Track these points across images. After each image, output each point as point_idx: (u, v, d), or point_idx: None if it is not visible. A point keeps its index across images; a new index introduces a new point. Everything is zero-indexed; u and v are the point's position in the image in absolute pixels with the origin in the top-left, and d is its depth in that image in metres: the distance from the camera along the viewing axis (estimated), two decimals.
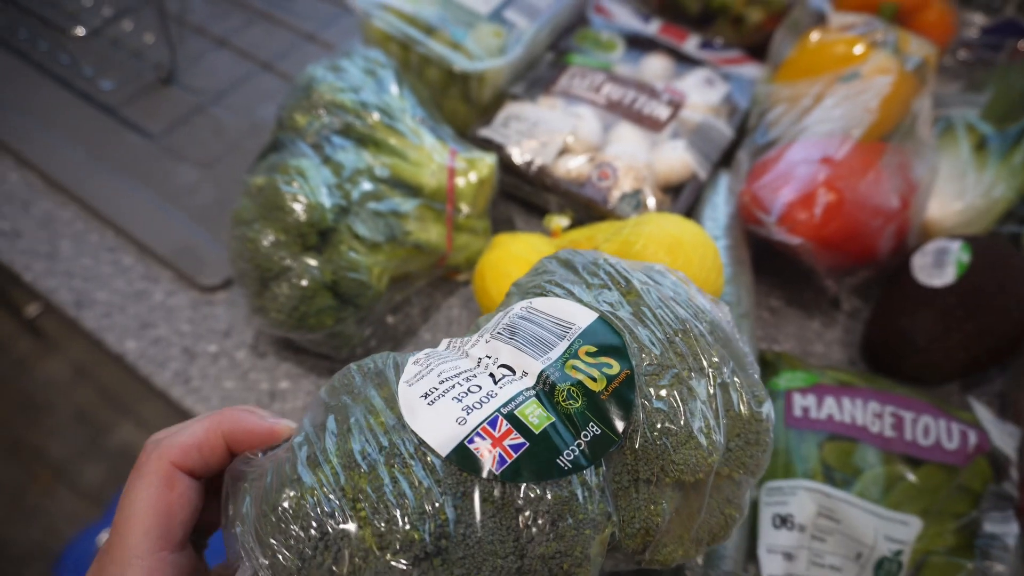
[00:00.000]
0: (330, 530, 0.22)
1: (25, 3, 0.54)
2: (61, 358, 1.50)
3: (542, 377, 0.26)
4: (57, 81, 0.64)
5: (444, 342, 0.29)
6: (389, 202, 0.46)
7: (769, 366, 0.47)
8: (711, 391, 0.27)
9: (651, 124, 0.55)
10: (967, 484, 0.41)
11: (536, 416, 0.25)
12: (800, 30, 0.59)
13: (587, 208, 0.53)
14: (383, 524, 0.22)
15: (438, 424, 0.24)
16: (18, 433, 1.41)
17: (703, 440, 0.26)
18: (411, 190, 0.48)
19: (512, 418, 0.24)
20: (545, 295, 0.29)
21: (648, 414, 0.25)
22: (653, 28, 0.64)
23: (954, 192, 0.52)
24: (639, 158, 0.53)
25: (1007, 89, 0.57)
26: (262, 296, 0.44)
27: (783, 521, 0.39)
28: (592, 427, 0.25)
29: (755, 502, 0.41)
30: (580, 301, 0.29)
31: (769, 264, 0.54)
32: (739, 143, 0.57)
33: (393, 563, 0.22)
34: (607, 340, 0.27)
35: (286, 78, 0.67)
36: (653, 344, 0.27)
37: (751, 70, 0.62)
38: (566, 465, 0.24)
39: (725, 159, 0.57)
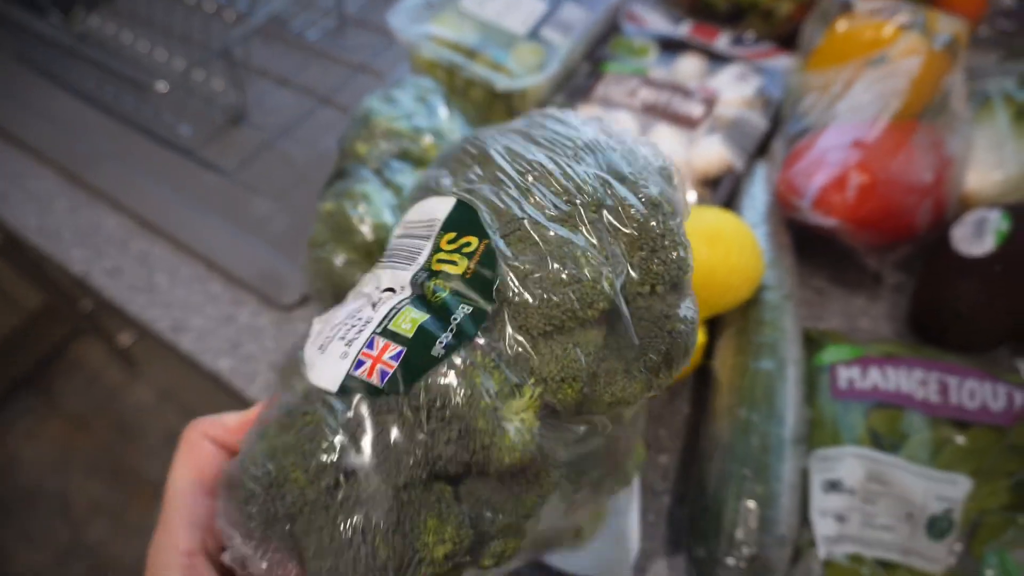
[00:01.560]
0: (271, 484, 0.25)
1: (108, 64, 0.60)
2: (147, 384, 1.61)
3: (413, 283, 0.27)
4: (141, 130, 0.71)
5: (352, 290, 0.31)
6: None
7: (814, 343, 0.49)
8: (585, 221, 0.26)
9: (686, 122, 0.58)
10: (1017, 443, 0.43)
11: (408, 322, 0.25)
12: (829, 18, 0.61)
13: None
14: (303, 467, 0.24)
15: (327, 367, 0.26)
16: (117, 455, 1.52)
17: (587, 273, 0.25)
18: None
19: (387, 333, 0.25)
20: (413, 203, 0.31)
21: (515, 271, 0.25)
22: (684, 30, 0.67)
23: (993, 163, 0.53)
24: (677, 155, 0.56)
25: None
26: None
27: (832, 486, 0.42)
28: (462, 308, 0.25)
29: (806, 470, 0.43)
30: (440, 192, 0.29)
31: (811, 246, 0.56)
32: (774, 133, 0.59)
33: (315, 491, 0.24)
34: (464, 219, 0.27)
35: (343, 109, 0.72)
36: (508, 203, 0.27)
37: (783, 62, 0.64)
38: (439, 352, 0.24)
39: (761, 150, 0.60)
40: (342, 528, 0.24)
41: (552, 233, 0.26)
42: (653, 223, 0.27)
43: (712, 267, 0.44)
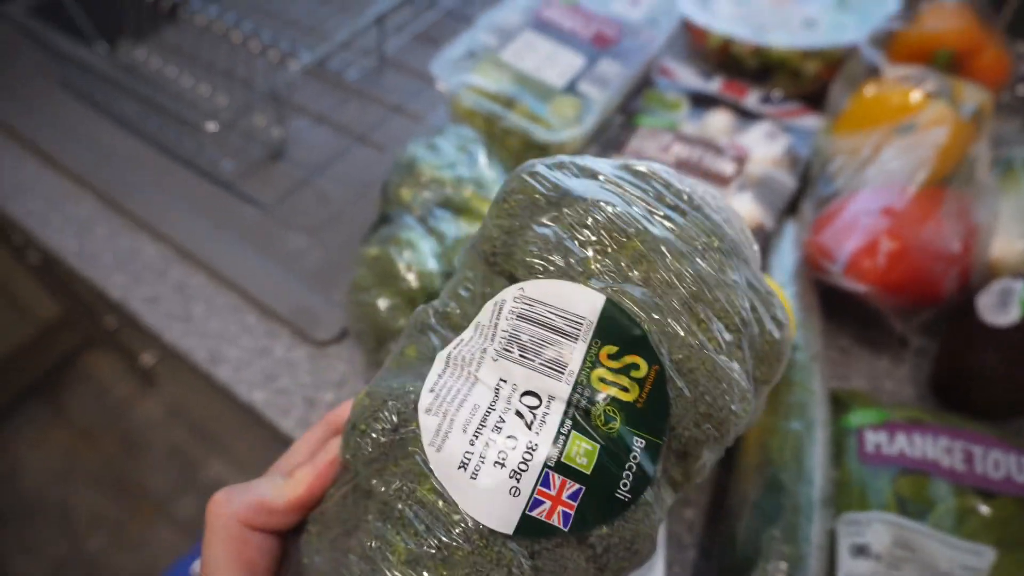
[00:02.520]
0: None
1: (153, 97, 0.62)
2: (156, 399, 1.62)
3: (572, 403, 0.24)
4: (181, 162, 0.73)
5: (439, 356, 0.26)
6: None
7: (841, 404, 0.50)
8: (738, 345, 0.25)
9: (718, 180, 0.60)
10: None
11: (583, 455, 0.23)
12: (856, 82, 0.63)
13: None
14: None
15: (492, 501, 0.23)
16: (121, 469, 1.52)
17: (735, 402, 0.25)
18: None
19: (561, 467, 0.23)
20: (534, 275, 0.26)
21: (682, 401, 0.25)
22: (715, 86, 0.69)
23: (1017, 232, 0.55)
24: None
25: None
26: (379, 352, 0.50)
27: (860, 551, 0.43)
28: (637, 442, 0.24)
29: (833, 533, 0.44)
30: (575, 279, 0.25)
31: (837, 306, 0.57)
32: (802, 192, 0.61)
33: None
34: (626, 332, 0.24)
35: (379, 148, 0.74)
36: (675, 322, 0.25)
37: (810, 121, 0.65)
38: (626, 496, 0.23)
39: (790, 208, 0.61)
40: None
41: (719, 365, 0.25)
42: (783, 349, 0.27)
43: None
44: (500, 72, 0.63)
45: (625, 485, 0.23)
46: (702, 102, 0.69)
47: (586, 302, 0.25)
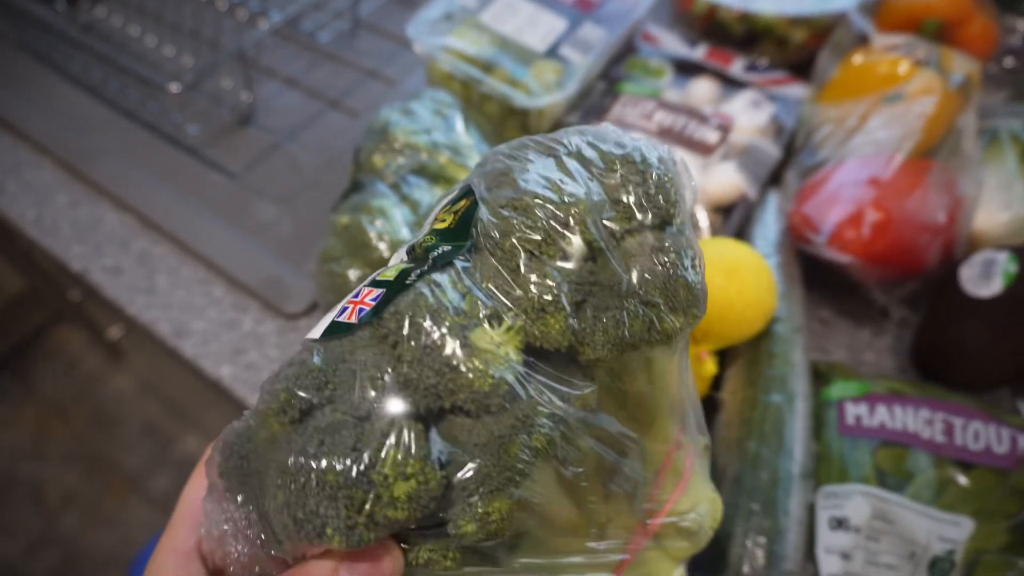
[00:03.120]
0: (246, 434, 0.24)
1: (114, 57, 0.59)
2: (128, 374, 1.59)
3: (409, 250, 0.27)
4: (145, 126, 0.70)
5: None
6: None
7: (822, 376, 0.50)
8: (563, 159, 0.27)
9: (702, 149, 0.58)
10: (1018, 485, 0.44)
11: (393, 270, 0.26)
12: (843, 50, 0.62)
13: None
14: (275, 409, 0.23)
15: (320, 325, 0.25)
16: (94, 446, 1.49)
17: (561, 198, 0.25)
18: None
19: (373, 282, 0.25)
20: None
21: (490, 205, 0.25)
22: (700, 53, 0.67)
23: (1001, 203, 0.54)
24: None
25: None
26: None
27: (839, 523, 0.42)
28: (439, 247, 0.25)
29: (812, 506, 0.44)
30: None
31: (818, 277, 0.56)
32: (787, 162, 0.60)
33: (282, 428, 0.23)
34: (464, 193, 0.27)
35: (353, 114, 0.71)
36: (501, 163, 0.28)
37: (796, 90, 0.64)
38: (412, 279, 0.24)
39: (773, 178, 0.60)
40: (295, 458, 0.22)
41: (530, 171, 0.26)
42: (637, 159, 0.26)
43: (729, 300, 0.44)
44: (479, 35, 0.60)
45: (416, 272, 0.25)
46: (686, 69, 0.67)
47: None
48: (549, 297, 0.24)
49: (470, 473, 0.23)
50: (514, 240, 0.24)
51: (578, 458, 0.26)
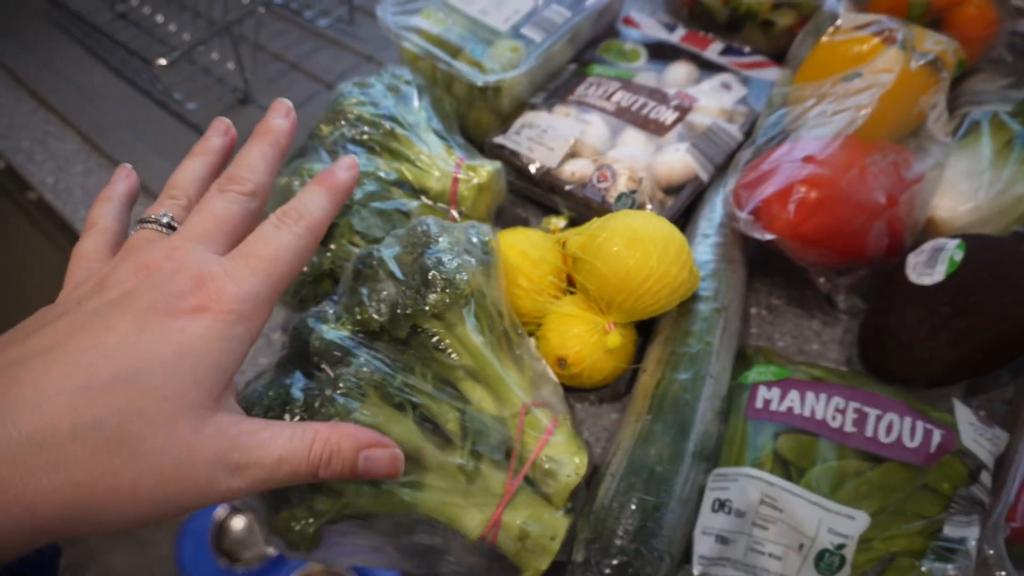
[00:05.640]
0: None
1: (116, 35, 0.65)
2: None
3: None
4: (157, 104, 0.76)
5: None
6: (395, 202, 0.52)
7: (746, 361, 0.48)
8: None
9: (655, 128, 0.57)
10: (934, 485, 0.40)
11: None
12: (820, 32, 0.59)
13: (588, 208, 0.55)
14: None
15: None
16: None
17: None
18: (417, 192, 0.53)
19: None
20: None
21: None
22: (676, 36, 0.66)
23: (968, 191, 0.51)
24: (640, 160, 0.55)
25: None
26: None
27: (721, 505, 0.41)
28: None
29: (702, 487, 0.42)
30: None
31: (775, 264, 0.54)
32: None
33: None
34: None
35: None
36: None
37: (772, 73, 0.62)
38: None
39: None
40: None
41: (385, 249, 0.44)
42: (419, 230, 0.44)
43: (628, 269, 0.43)
44: (446, 15, 0.62)
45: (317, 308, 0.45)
46: (665, 54, 0.66)
47: None
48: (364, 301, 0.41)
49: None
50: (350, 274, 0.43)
51: (400, 395, 0.40)
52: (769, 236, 0.46)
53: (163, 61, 0.61)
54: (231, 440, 0.27)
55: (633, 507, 0.40)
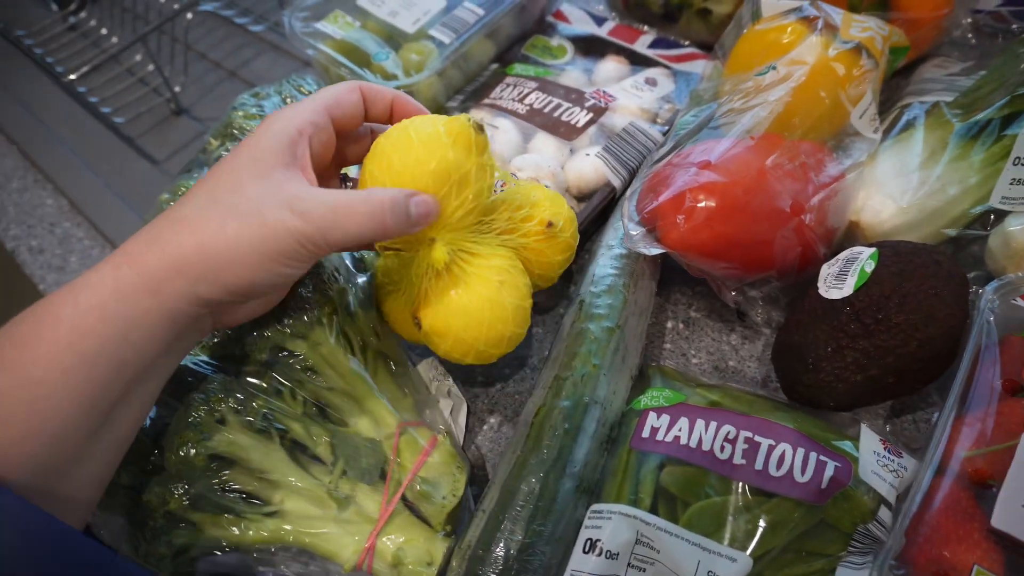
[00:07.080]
0: None
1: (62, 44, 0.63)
2: None
3: None
4: (95, 116, 0.75)
5: None
6: None
7: (645, 381, 0.45)
8: None
9: (567, 132, 0.54)
10: (834, 521, 0.37)
11: None
12: (753, 19, 0.55)
13: None
14: None
15: None
16: None
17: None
18: None
19: None
20: None
21: None
22: (605, 30, 0.62)
23: (896, 192, 0.46)
24: (547, 167, 0.52)
25: (997, 73, 0.49)
26: None
27: (592, 546, 0.37)
28: None
29: (580, 522, 0.39)
30: None
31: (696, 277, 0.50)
32: None
33: None
34: None
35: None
36: None
37: (702, 67, 0.58)
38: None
39: None
40: None
41: None
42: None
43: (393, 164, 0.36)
44: (354, 18, 0.59)
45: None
46: (597, 50, 0.62)
47: None
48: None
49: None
50: None
51: (261, 421, 0.38)
52: (657, 250, 0.43)
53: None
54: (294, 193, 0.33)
55: (501, 545, 0.37)
